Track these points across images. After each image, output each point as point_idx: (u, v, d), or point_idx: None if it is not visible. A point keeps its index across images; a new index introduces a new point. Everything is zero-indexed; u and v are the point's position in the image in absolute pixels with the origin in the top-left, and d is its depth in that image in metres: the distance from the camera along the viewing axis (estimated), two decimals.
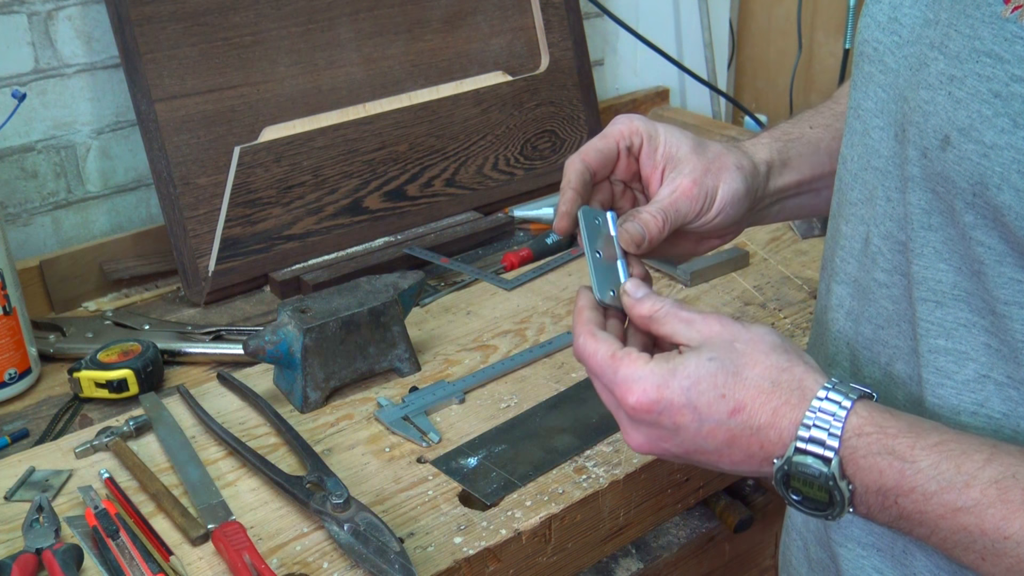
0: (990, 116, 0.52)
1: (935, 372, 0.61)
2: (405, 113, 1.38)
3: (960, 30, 0.55)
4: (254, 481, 0.92)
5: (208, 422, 0.98)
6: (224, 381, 1.07)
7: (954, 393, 0.61)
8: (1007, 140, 0.51)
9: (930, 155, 0.57)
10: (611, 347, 0.64)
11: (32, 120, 1.26)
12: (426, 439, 0.96)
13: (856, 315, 0.69)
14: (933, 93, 0.56)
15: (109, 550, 0.81)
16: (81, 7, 1.26)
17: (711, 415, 0.60)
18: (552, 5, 1.53)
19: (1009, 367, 0.58)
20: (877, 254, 0.65)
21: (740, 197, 0.75)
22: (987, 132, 0.52)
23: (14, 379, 1.07)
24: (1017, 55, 0.51)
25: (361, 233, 1.36)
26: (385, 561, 0.78)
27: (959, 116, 0.54)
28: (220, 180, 1.26)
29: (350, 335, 1.02)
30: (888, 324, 0.65)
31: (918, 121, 0.57)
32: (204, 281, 1.25)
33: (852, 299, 0.69)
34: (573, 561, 0.91)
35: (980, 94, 0.53)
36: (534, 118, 1.51)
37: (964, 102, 0.53)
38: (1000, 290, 0.56)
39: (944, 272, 0.59)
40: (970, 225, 0.56)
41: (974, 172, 0.53)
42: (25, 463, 0.95)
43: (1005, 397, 0.59)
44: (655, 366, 0.61)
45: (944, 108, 0.55)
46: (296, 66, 1.32)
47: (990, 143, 0.52)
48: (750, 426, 0.60)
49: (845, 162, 0.69)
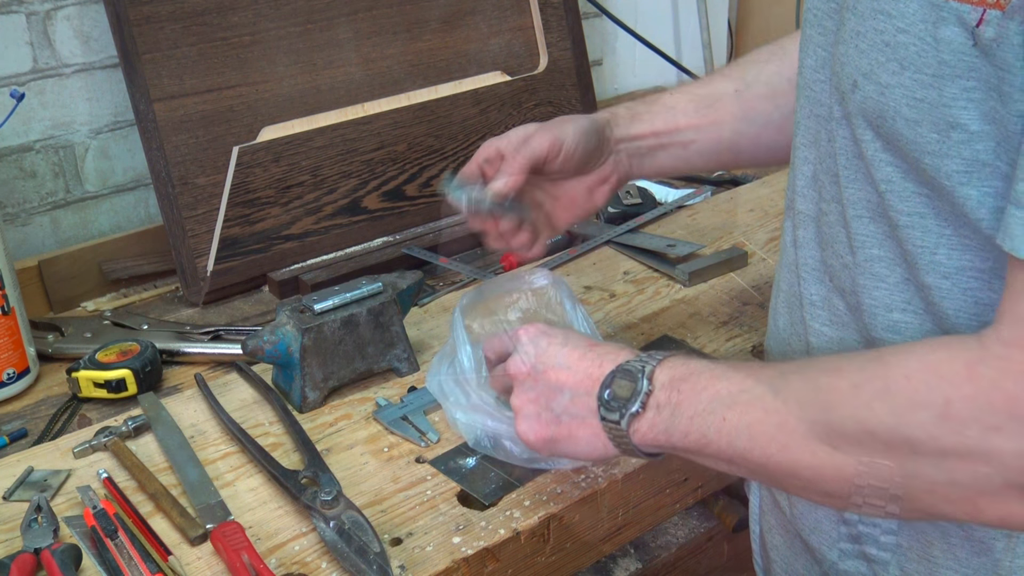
0: (883, 61, 0.62)
1: (871, 277, 0.69)
2: (404, 113, 1.38)
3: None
4: (253, 481, 0.92)
5: (219, 412, 0.99)
6: (240, 371, 1.08)
7: (887, 293, 0.69)
8: (896, 80, 0.61)
9: (847, 98, 0.66)
10: None
11: (31, 120, 1.26)
12: (425, 439, 0.96)
13: (796, 242, 0.79)
14: (847, 47, 0.65)
15: (107, 550, 0.81)
16: (79, 7, 1.26)
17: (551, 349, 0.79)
18: (551, 5, 1.53)
19: (917, 273, 0.66)
20: (822, 187, 0.74)
21: (585, 129, 0.93)
22: (882, 75, 0.62)
23: (12, 379, 1.07)
24: (900, 11, 0.60)
25: (360, 233, 1.36)
26: (364, 561, 0.78)
27: (862, 63, 0.64)
28: (219, 180, 1.26)
29: (349, 335, 1.02)
30: (827, 246, 0.74)
31: (838, 71, 0.67)
32: (203, 281, 1.25)
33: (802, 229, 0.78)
34: (572, 561, 0.91)
35: (876, 45, 0.62)
36: (533, 118, 1.51)
37: (866, 52, 0.63)
38: (904, 203, 0.64)
39: (870, 193, 0.67)
40: (875, 152, 0.65)
41: (875, 108, 0.63)
42: (23, 463, 0.95)
43: (923, 296, 0.67)
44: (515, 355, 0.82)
45: (853, 58, 0.64)
46: (295, 66, 1.32)
47: (884, 83, 0.62)
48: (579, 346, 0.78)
49: (795, 114, 0.78)
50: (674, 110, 0.97)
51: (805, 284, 0.77)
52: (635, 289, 1.25)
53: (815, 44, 0.73)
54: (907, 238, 0.65)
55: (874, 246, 0.69)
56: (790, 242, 0.81)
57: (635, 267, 1.30)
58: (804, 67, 0.75)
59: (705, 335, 1.14)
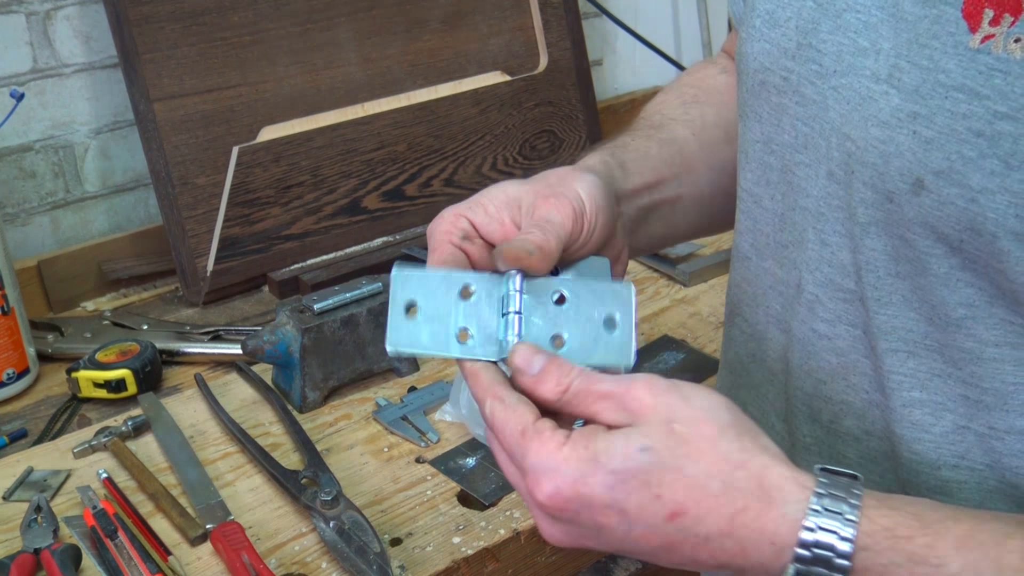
0: (974, 158, 0.48)
1: (910, 427, 0.57)
2: (404, 113, 1.38)
3: (915, 62, 0.51)
4: (253, 481, 0.92)
5: (219, 412, 0.99)
6: (240, 371, 1.08)
7: (932, 447, 0.57)
8: (999, 183, 0.48)
9: (897, 200, 0.52)
10: (521, 420, 0.51)
11: (30, 120, 1.26)
12: (425, 439, 0.96)
13: (789, 369, 0.63)
14: (891, 132, 0.52)
15: (107, 550, 0.81)
16: (79, 7, 1.26)
17: (642, 519, 0.49)
18: (551, 5, 1.53)
19: (992, 416, 0.54)
20: (815, 303, 0.60)
21: (602, 190, 0.61)
22: (972, 175, 0.48)
23: (12, 379, 1.07)
24: (997, 90, 0.47)
25: (360, 233, 1.36)
26: (364, 561, 0.78)
27: (932, 157, 0.50)
28: (218, 180, 1.26)
29: (349, 335, 1.02)
30: (832, 379, 0.61)
31: (874, 162, 0.53)
32: (202, 281, 1.25)
33: (784, 349, 0.63)
34: (572, 561, 0.91)
35: (957, 133, 0.49)
36: (533, 118, 1.51)
37: (936, 142, 0.50)
38: (990, 332, 0.52)
39: (915, 321, 0.55)
40: (950, 271, 0.52)
41: (961, 218, 0.50)
42: (23, 463, 0.94)
43: (987, 448, 0.56)
44: (571, 452, 0.49)
45: (910, 149, 0.51)
46: (294, 66, 1.32)
47: (978, 187, 0.48)
48: (696, 534, 0.49)
49: (759, 200, 0.64)
50: (650, 158, 0.72)
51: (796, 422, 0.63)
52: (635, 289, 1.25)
53: (792, 116, 0.59)
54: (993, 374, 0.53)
55: (914, 388, 0.57)
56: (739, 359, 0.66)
57: (635, 267, 1.30)
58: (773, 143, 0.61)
59: (705, 335, 1.14)
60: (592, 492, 0.49)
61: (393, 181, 1.38)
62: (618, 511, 0.49)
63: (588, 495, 0.49)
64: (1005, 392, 0.53)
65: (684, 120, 0.76)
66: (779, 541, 0.48)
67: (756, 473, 0.49)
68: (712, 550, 0.49)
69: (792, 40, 0.59)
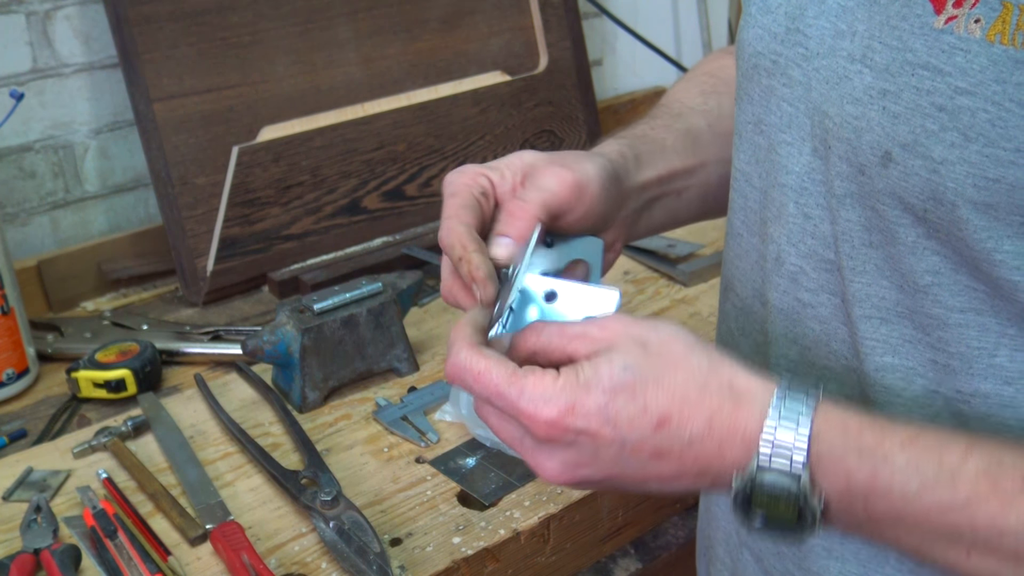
0: (936, 131, 0.51)
1: (883, 391, 0.60)
2: (403, 113, 1.38)
3: (886, 42, 0.54)
4: (252, 481, 0.92)
5: (219, 412, 0.99)
6: (240, 371, 1.08)
7: (904, 411, 0.59)
8: (959, 155, 0.50)
9: (868, 172, 0.55)
10: (508, 365, 0.55)
11: (30, 120, 1.26)
12: (424, 439, 0.96)
13: (773, 336, 0.66)
14: (863, 108, 0.55)
15: (107, 550, 0.81)
16: (79, 7, 1.26)
17: (634, 430, 0.54)
18: (551, 5, 1.53)
19: (958, 380, 0.56)
20: (799, 274, 0.63)
21: (611, 176, 0.67)
22: (934, 147, 0.51)
23: (12, 379, 1.07)
24: (958, 67, 0.50)
25: (359, 233, 1.36)
26: (364, 561, 0.78)
27: (899, 131, 0.53)
28: (218, 180, 1.26)
29: (349, 335, 1.02)
30: (816, 345, 0.63)
31: (848, 137, 0.56)
32: (202, 281, 1.25)
33: (769, 319, 0.66)
34: (571, 561, 0.91)
35: (920, 108, 0.51)
36: (533, 118, 1.51)
37: (902, 117, 0.52)
38: (955, 298, 0.55)
39: (887, 289, 0.58)
40: (916, 239, 0.55)
41: (925, 188, 0.52)
42: (23, 463, 0.94)
43: (954, 412, 0.58)
44: (564, 381, 0.54)
45: (879, 124, 0.54)
46: (294, 66, 1.32)
47: (939, 158, 0.51)
48: (680, 438, 0.53)
49: (749, 179, 0.67)
50: (666, 150, 0.75)
51: None
52: (635, 289, 1.25)
53: (779, 98, 0.62)
54: (958, 339, 0.56)
55: (886, 353, 0.59)
56: (730, 332, 0.70)
57: (635, 267, 1.30)
58: (762, 124, 0.64)
59: (705, 335, 1.13)
60: (588, 411, 0.54)
61: (393, 181, 1.38)
62: (612, 426, 0.54)
63: (585, 414, 0.54)
64: (970, 356, 0.56)
65: (702, 110, 0.80)
66: (748, 436, 0.53)
67: (727, 379, 0.54)
68: (696, 453, 0.54)
69: (781, 25, 0.62)
